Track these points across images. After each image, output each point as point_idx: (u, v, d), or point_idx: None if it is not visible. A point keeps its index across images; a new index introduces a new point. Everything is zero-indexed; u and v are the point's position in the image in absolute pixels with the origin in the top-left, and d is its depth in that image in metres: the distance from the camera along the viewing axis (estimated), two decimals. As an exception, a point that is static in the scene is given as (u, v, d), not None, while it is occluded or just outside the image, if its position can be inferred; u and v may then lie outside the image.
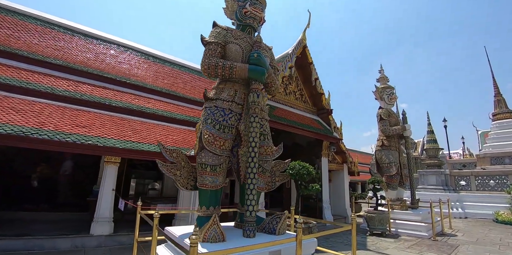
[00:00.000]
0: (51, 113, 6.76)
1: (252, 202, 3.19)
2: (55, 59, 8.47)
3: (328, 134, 10.91)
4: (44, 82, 7.59)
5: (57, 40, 9.36)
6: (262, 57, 3.67)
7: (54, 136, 5.89)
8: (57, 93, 7.45)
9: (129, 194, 9.12)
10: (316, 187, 6.31)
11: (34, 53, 8.13)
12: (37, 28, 9.29)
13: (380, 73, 11.91)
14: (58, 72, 8.28)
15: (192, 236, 1.96)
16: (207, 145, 3.38)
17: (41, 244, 5.77)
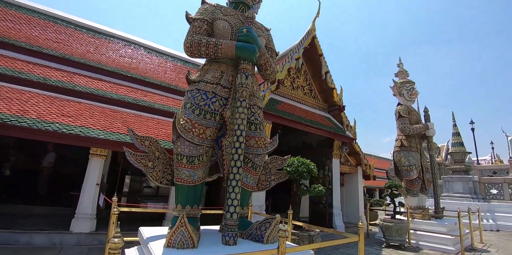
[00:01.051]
0: (38, 102, 6.41)
1: (233, 201, 2.59)
2: (53, 50, 8.24)
3: (339, 133, 9.97)
4: (37, 73, 7.32)
5: (59, 33, 9.20)
6: (253, 32, 3.14)
7: (34, 124, 5.49)
8: (49, 83, 7.13)
9: (123, 191, 8.65)
10: (319, 188, 5.46)
11: (32, 45, 7.93)
12: (39, 21, 9.19)
13: (399, 67, 10.87)
14: (54, 63, 8.02)
15: (114, 239, 1.60)
16: (183, 132, 2.86)
17: (16, 238, 5.36)
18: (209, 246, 2.47)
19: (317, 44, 10.01)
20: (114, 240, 1.65)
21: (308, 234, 5.19)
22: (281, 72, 8.62)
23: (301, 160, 5.16)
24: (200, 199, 3.05)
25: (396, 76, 10.91)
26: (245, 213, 3.25)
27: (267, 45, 3.80)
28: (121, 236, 1.69)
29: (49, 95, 6.96)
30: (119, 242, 1.66)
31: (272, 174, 4.25)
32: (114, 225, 3.78)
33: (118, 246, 1.66)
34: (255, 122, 3.25)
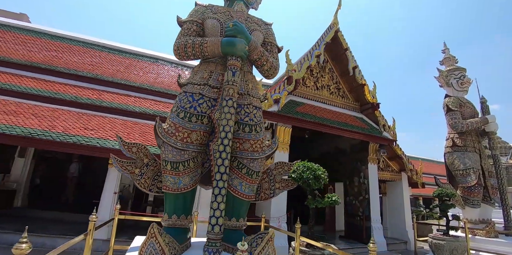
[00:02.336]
0: (66, 118, 7.04)
1: (215, 212, 2.34)
2: (87, 72, 9.15)
3: (374, 134, 8.78)
4: (71, 92, 8.13)
5: (94, 57, 10.24)
6: (239, 25, 2.92)
7: (58, 137, 5.98)
8: (79, 101, 7.84)
9: (148, 200, 8.91)
10: (333, 198, 4.65)
11: (69, 69, 8.93)
12: (78, 48, 10.38)
13: (444, 53, 9.24)
14: (87, 83, 8.86)
15: (21, 245, 1.48)
16: (164, 137, 2.69)
17: (42, 241, 5.82)
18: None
19: (341, 39, 9.14)
20: (21, 246, 1.48)
21: (321, 253, 4.40)
22: (300, 71, 8.03)
23: (307, 165, 4.46)
24: (190, 208, 2.83)
25: (441, 64, 9.28)
26: (241, 225, 2.88)
27: (266, 40, 3.56)
28: (28, 242, 1.52)
29: (78, 112, 7.62)
30: (26, 248, 1.50)
31: (277, 182, 3.78)
32: (114, 232, 3.94)
33: (23, 252, 1.49)
34: (249, 124, 2.94)
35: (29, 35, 9.69)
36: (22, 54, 8.59)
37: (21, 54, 8.59)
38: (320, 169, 4.57)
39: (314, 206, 4.55)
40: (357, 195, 9.04)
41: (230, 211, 2.95)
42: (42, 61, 8.61)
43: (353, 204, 9.14)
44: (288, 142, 7.64)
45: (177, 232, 2.48)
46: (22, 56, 8.52)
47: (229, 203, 2.90)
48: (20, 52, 8.67)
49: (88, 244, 3.18)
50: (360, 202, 8.87)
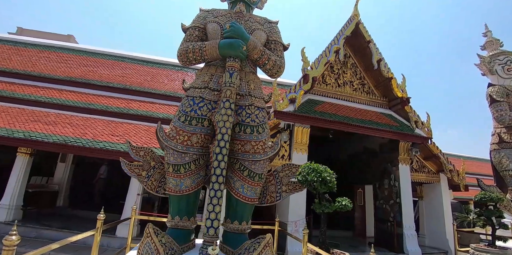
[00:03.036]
0: (97, 126, 7.70)
1: (210, 214, 2.38)
2: (117, 83, 9.92)
3: (404, 131, 8.01)
4: (102, 102, 8.88)
5: (124, 69, 11.08)
6: (236, 26, 2.97)
7: (87, 143, 6.55)
8: (109, 110, 8.53)
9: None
10: (343, 202, 4.32)
11: (102, 81, 9.78)
12: (110, 62, 11.34)
13: (487, 37, 8.13)
14: (116, 93, 9.61)
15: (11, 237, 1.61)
16: (165, 140, 2.80)
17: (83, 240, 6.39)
18: None
19: (363, 31, 8.58)
20: (11, 237, 1.62)
21: None
22: (317, 68, 7.70)
23: (313, 166, 4.21)
24: (194, 210, 2.90)
25: (483, 49, 8.18)
26: (243, 229, 2.86)
27: (270, 38, 3.55)
28: (17, 234, 1.64)
29: (107, 120, 8.27)
30: (15, 240, 1.64)
31: (284, 184, 3.69)
32: (131, 230, 4.21)
33: (12, 243, 1.62)
34: (251, 125, 2.94)
35: (69, 53, 10.86)
36: (63, 71, 9.64)
37: (62, 71, 9.65)
38: (327, 171, 4.29)
39: (321, 210, 4.27)
40: (388, 199, 8.31)
41: (233, 214, 2.95)
42: (79, 76, 9.57)
43: (383, 208, 8.43)
44: (306, 143, 7.35)
45: (179, 233, 2.52)
46: (63, 72, 9.57)
47: (232, 206, 2.94)
48: (62, 69, 9.74)
49: (96, 240, 3.40)
50: (391, 206, 8.14)
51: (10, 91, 8.20)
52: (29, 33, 15.33)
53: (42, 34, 15.58)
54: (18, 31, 15.97)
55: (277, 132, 7.42)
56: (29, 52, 10.06)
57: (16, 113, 7.75)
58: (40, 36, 15.15)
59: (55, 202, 8.41)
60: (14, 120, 7.30)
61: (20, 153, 7.11)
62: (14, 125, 7.02)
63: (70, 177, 9.08)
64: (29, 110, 7.96)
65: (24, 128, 6.98)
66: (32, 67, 9.31)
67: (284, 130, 7.43)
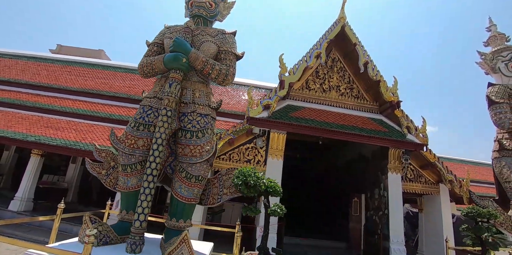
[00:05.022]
0: (98, 132, 8.62)
1: (138, 209, 2.68)
2: (124, 93, 10.95)
3: (393, 137, 7.49)
4: (108, 111, 9.89)
5: (132, 80, 12.18)
6: (178, 41, 3.32)
7: (84, 146, 7.42)
8: (112, 118, 9.49)
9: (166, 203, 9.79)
10: (276, 209, 4.28)
11: (110, 91, 10.90)
12: (121, 74, 12.55)
13: (491, 31, 7.31)
14: (122, 102, 10.62)
15: None
16: (116, 143, 3.23)
17: None
18: (111, 249, 2.59)
19: (349, 33, 8.32)
20: None
21: None
22: (295, 74, 7.67)
23: (243, 170, 4.25)
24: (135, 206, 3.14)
25: (486, 45, 7.35)
26: (180, 226, 3.14)
27: (221, 49, 3.81)
28: None
29: (109, 126, 9.18)
30: None
31: (225, 187, 3.94)
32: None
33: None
34: (191, 130, 3.27)
35: (87, 67, 12.33)
36: (79, 83, 10.98)
37: (79, 83, 11.00)
38: (256, 175, 4.29)
39: (246, 214, 4.27)
40: (377, 210, 7.79)
41: (173, 211, 3.29)
42: (91, 87, 10.81)
43: (373, 220, 7.91)
44: (282, 149, 7.31)
45: (125, 225, 2.81)
46: (79, 84, 10.90)
47: (173, 204, 3.25)
48: (79, 81, 11.10)
49: (55, 226, 3.80)
50: (379, 217, 7.61)
51: (32, 102, 9.62)
52: (67, 49, 17.72)
53: (77, 50, 17.87)
54: (58, 48, 18.55)
55: (253, 137, 7.52)
56: (54, 68, 11.69)
57: (35, 120, 9.06)
58: (76, 51, 17.37)
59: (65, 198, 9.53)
60: (31, 127, 8.55)
61: (33, 154, 8.28)
62: (30, 130, 8.23)
63: (79, 176, 10.23)
64: (46, 118, 9.23)
65: (37, 132, 8.14)
66: (55, 81, 10.79)
67: (261, 136, 7.50)
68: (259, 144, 7.39)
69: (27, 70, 11.17)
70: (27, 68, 11.31)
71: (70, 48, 18.15)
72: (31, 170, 8.19)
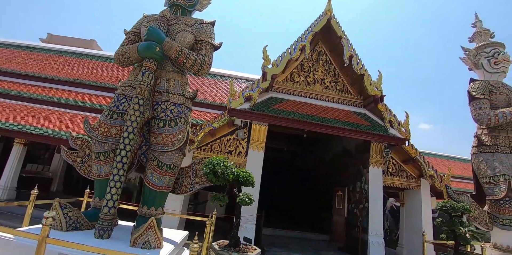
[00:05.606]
0: (79, 121, 8.59)
1: (107, 195, 2.76)
2: (111, 84, 10.84)
3: (375, 131, 7.49)
4: (94, 101, 9.82)
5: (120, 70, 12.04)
6: (152, 30, 3.31)
7: (66, 135, 7.40)
8: (97, 107, 9.42)
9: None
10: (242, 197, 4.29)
11: (96, 82, 10.82)
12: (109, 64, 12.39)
13: (476, 27, 7.24)
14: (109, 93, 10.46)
15: None
16: (89, 131, 3.26)
17: None
18: (81, 235, 2.63)
19: (335, 27, 8.23)
20: None
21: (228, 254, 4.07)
22: (278, 66, 7.61)
23: (213, 159, 4.24)
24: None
25: (471, 41, 7.28)
26: (151, 214, 3.17)
27: (197, 38, 3.79)
28: None
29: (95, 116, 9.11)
30: None
31: (198, 176, 3.98)
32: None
33: None
34: (164, 119, 3.28)
35: (74, 57, 12.19)
36: (66, 73, 10.88)
37: (65, 72, 10.89)
38: (225, 164, 4.28)
39: (214, 202, 4.28)
40: (358, 203, 7.84)
41: (145, 199, 3.34)
42: (78, 77, 10.72)
43: (354, 213, 7.97)
44: (263, 141, 7.30)
45: (97, 212, 2.85)
46: (66, 74, 10.80)
47: (145, 192, 3.30)
48: (65, 71, 10.99)
49: (28, 212, 3.82)
50: (360, 211, 7.67)
51: (18, 91, 9.54)
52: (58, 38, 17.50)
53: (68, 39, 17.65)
54: (48, 37, 18.31)
55: (235, 129, 7.50)
56: (41, 57, 11.56)
57: (19, 109, 9.00)
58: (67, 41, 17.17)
59: (49, 188, 9.56)
60: (14, 115, 8.49)
61: (16, 143, 8.25)
62: (13, 119, 8.17)
63: (64, 166, 10.21)
64: (30, 107, 9.17)
65: (20, 121, 8.09)
66: (41, 70, 10.69)
67: (242, 127, 7.48)
68: (240, 136, 7.37)
69: (13, 59, 11.05)
70: (13, 57, 11.19)
71: (61, 37, 17.93)
72: (13, 159, 8.17)
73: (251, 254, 4.11)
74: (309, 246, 7.88)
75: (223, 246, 4.27)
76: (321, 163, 11.32)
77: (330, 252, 7.39)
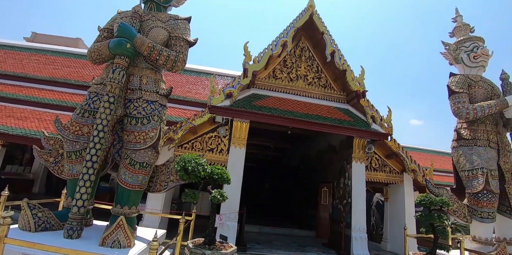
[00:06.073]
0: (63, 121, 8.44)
1: (76, 195, 2.73)
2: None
3: (357, 127, 7.48)
4: (75, 100, 9.64)
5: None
6: (122, 26, 3.25)
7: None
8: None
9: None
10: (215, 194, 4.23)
11: (79, 81, 10.62)
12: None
13: (456, 22, 7.24)
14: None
15: None
16: (60, 130, 3.21)
17: None
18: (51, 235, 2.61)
19: (317, 22, 8.17)
20: None
21: (202, 253, 3.99)
22: (259, 62, 7.53)
23: (185, 156, 4.16)
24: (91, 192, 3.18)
25: (451, 36, 7.28)
26: (125, 213, 3.12)
27: (171, 34, 3.69)
28: None
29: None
30: None
31: (172, 174, 3.96)
32: None
33: None
34: (137, 117, 3.22)
35: (57, 56, 11.95)
36: (48, 72, 10.67)
37: (47, 72, 10.68)
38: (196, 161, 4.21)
39: (185, 200, 4.22)
40: (342, 199, 7.85)
41: (118, 198, 3.31)
42: (60, 76, 10.52)
43: (338, 208, 7.98)
44: (245, 138, 7.24)
45: (68, 211, 2.81)
46: (48, 73, 10.59)
47: (118, 191, 3.25)
48: (47, 70, 10.78)
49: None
50: (343, 206, 7.67)
51: (-4, 91, 9.32)
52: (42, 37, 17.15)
53: (53, 38, 17.32)
54: (32, 36, 17.95)
55: (216, 126, 7.43)
56: (22, 56, 11.32)
57: (-3, 109, 8.80)
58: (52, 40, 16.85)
59: (31, 189, 9.39)
60: (-8, 116, 8.31)
61: (-7, 144, 8.09)
62: (-10, 120, 8.00)
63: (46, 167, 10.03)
64: (9, 107, 8.96)
65: (-3, 122, 7.91)
66: (21, 69, 10.46)
67: (224, 124, 7.41)
68: (221, 133, 7.30)
69: (-8, 58, 10.82)
70: (-8, 56, 10.95)
71: (45, 36, 17.58)
72: (-9, 160, 8.02)
73: (225, 251, 4.07)
74: (294, 243, 7.87)
75: (198, 244, 4.22)
76: (308, 159, 11.32)
77: (314, 248, 7.38)
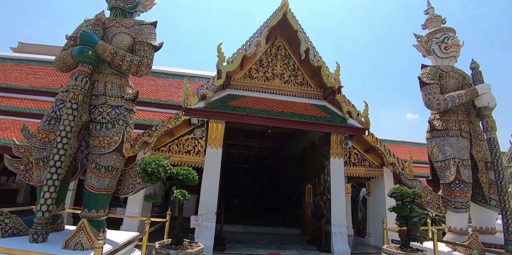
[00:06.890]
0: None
1: (40, 200, 2.80)
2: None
3: (334, 123, 7.50)
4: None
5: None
6: (84, 34, 3.34)
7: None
8: (59, 114, 9.33)
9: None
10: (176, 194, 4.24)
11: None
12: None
13: (428, 14, 7.27)
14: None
15: None
16: (28, 138, 3.27)
17: None
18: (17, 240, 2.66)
19: (291, 21, 8.21)
20: None
21: (166, 252, 3.99)
22: (233, 63, 7.57)
23: (146, 158, 4.17)
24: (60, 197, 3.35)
25: (424, 28, 7.31)
26: (93, 216, 3.19)
27: (136, 40, 3.77)
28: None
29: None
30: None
31: (139, 177, 4.01)
32: None
33: None
34: (101, 122, 3.31)
35: (39, 65, 12.00)
36: (30, 81, 10.71)
37: (29, 81, 10.73)
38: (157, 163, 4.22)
39: (153, 201, 4.24)
40: (322, 195, 7.86)
41: (86, 202, 3.40)
42: (42, 86, 10.56)
43: (319, 205, 7.99)
44: (221, 138, 7.26)
45: None
46: (29, 83, 10.63)
47: (86, 195, 3.31)
48: (30, 80, 10.83)
49: None
50: (324, 202, 7.68)
51: (-23, 102, 9.36)
52: (30, 47, 17.20)
53: (41, 47, 17.36)
54: (19, 46, 17.99)
55: (193, 128, 7.46)
56: (5, 66, 11.37)
57: (-22, 121, 8.85)
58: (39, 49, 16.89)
59: (15, 199, 9.41)
60: (-28, 127, 8.35)
61: (-26, 155, 8.10)
62: (-31, 131, 8.04)
63: (31, 176, 10.07)
64: (-10, 118, 9.01)
65: (-23, 133, 7.95)
66: (4, 80, 10.51)
67: (200, 126, 7.44)
68: (197, 134, 7.33)
69: (-27, 70, 10.86)
70: (-27, 68, 11.00)
71: (33, 46, 17.63)
72: (-28, 171, 8.05)
73: (190, 250, 4.07)
74: (277, 241, 7.87)
75: (165, 245, 4.23)
76: (293, 157, 11.34)
77: (295, 245, 7.38)
